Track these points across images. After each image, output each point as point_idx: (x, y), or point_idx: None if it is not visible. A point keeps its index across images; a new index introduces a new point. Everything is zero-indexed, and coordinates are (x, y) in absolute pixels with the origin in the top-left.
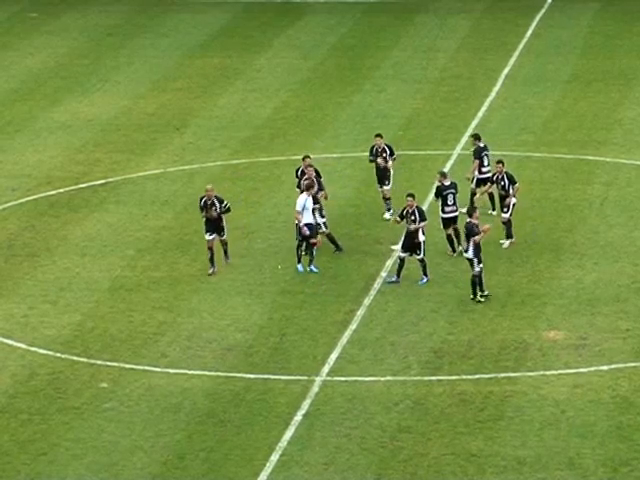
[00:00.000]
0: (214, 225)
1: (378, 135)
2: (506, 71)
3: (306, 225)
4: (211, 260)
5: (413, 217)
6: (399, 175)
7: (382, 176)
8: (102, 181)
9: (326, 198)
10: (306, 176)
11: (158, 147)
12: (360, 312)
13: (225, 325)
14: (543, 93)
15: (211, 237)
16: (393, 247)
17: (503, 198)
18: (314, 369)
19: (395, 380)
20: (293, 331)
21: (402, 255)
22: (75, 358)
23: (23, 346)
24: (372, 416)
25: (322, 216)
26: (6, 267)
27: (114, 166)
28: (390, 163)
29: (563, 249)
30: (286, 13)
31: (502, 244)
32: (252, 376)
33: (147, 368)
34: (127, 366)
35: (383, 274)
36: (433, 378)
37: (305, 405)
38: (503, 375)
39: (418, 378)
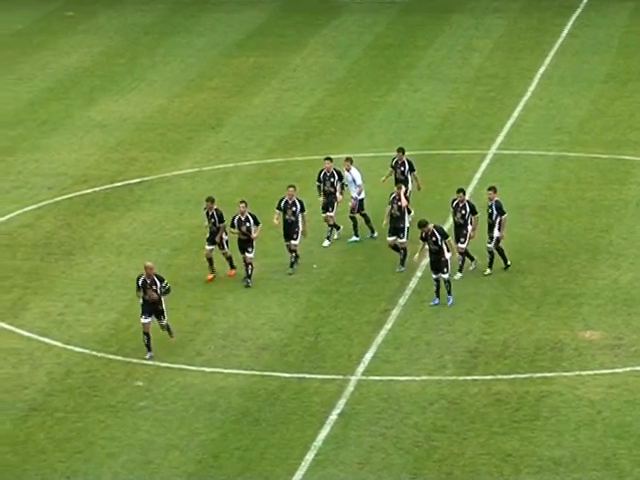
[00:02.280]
0: (153, 307)
1: (328, 158)
2: (542, 71)
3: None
4: (147, 345)
5: (434, 238)
6: (434, 175)
7: (328, 202)
8: (138, 180)
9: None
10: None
11: (193, 146)
12: (395, 311)
13: (260, 324)
14: (579, 93)
15: (147, 320)
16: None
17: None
18: (349, 368)
19: (430, 380)
20: (328, 330)
21: (435, 276)
22: (111, 356)
23: (59, 344)
24: (407, 416)
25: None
26: (42, 265)
27: (150, 165)
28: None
29: (599, 249)
30: (322, 12)
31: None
32: (287, 375)
33: (182, 367)
34: (162, 365)
35: (418, 273)
36: (468, 378)
37: (340, 404)
38: (539, 375)
39: (453, 378)
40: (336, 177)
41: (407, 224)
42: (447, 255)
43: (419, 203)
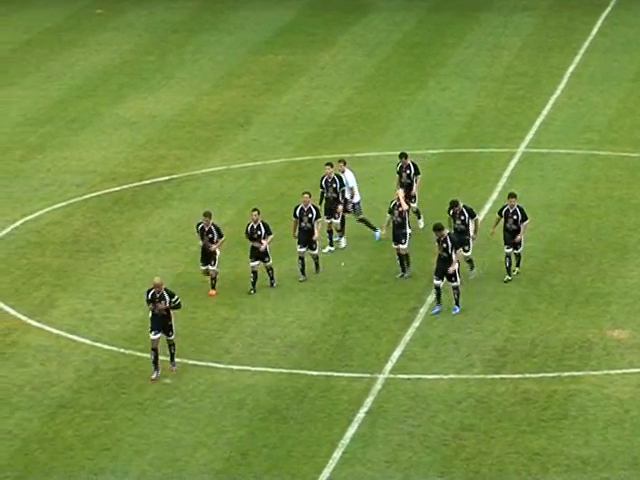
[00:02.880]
0: (162, 323)
1: (328, 164)
2: (571, 69)
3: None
4: (155, 363)
5: (445, 245)
6: (463, 173)
7: (332, 209)
8: (166, 177)
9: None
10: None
11: (222, 144)
12: (423, 310)
13: (288, 322)
14: (608, 91)
15: (156, 336)
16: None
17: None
18: (377, 367)
19: (458, 378)
20: (356, 328)
21: (437, 283)
22: (139, 354)
23: (87, 341)
24: (435, 414)
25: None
26: (71, 263)
27: (178, 163)
28: (415, 183)
29: (628, 248)
30: (351, 10)
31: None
32: (315, 373)
33: (210, 364)
34: (190, 362)
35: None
36: (496, 376)
37: (368, 402)
38: (567, 374)
39: (481, 376)
40: (338, 183)
41: (408, 230)
42: (456, 264)
43: (446, 202)
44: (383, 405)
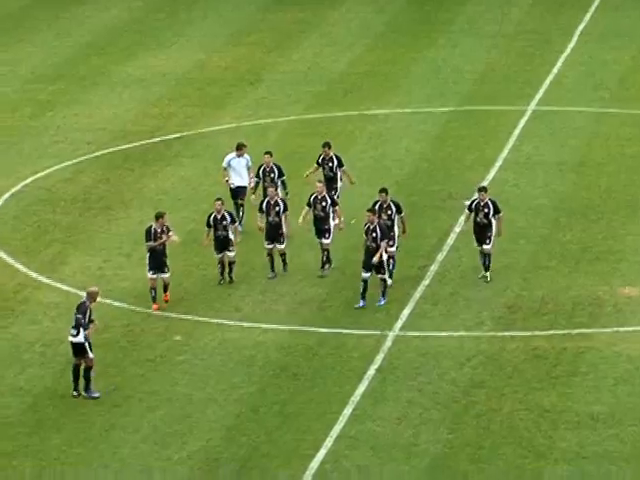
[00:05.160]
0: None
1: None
2: (582, 26)
3: None
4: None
5: (374, 234)
6: (473, 131)
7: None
8: (176, 135)
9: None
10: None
11: (232, 101)
12: (433, 268)
13: (298, 279)
14: (619, 49)
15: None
16: (466, 202)
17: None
18: (387, 324)
19: (468, 335)
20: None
21: (365, 276)
22: (149, 311)
23: (98, 299)
24: (445, 371)
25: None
26: (81, 220)
27: (188, 120)
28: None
29: (638, 205)
30: None
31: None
32: (325, 330)
33: (221, 321)
34: (201, 319)
35: (457, 229)
36: (506, 334)
37: (378, 360)
38: (577, 331)
39: (491, 334)
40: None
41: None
42: (384, 256)
43: (459, 160)
44: (393, 362)
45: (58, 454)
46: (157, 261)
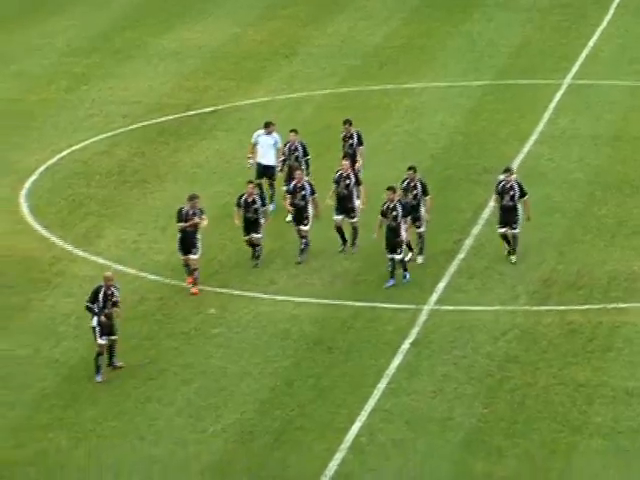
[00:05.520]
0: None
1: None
2: (618, 0)
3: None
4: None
5: (395, 212)
6: (509, 105)
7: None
8: (211, 108)
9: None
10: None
11: (267, 75)
12: (468, 242)
13: (333, 253)
14: None
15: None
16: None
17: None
18: (422, 298)
19: (503, 310)
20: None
21: (390, 256)
22: (184, 284)
23: (133, 272)
24: (480, 345)
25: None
26: (117, 193)
27: (222, 93)
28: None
29: None
30: None
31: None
32: (360, 304)
33: (255, 295)
34: (235, 292)
35: (491, 204)
36: (542, 308)
37: (413, 333)
38: (612, 306)
39: (526, 308)
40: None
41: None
42: (403, 235)
43: (494, 134)
44: (428, 336)
45: (94, 426)
46: (186, 243)
